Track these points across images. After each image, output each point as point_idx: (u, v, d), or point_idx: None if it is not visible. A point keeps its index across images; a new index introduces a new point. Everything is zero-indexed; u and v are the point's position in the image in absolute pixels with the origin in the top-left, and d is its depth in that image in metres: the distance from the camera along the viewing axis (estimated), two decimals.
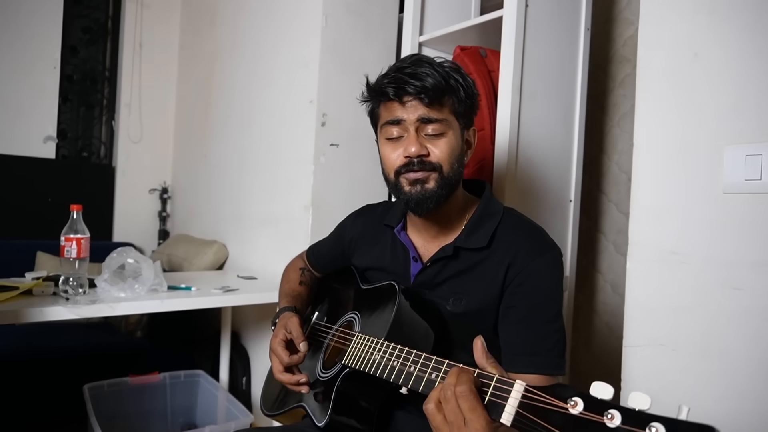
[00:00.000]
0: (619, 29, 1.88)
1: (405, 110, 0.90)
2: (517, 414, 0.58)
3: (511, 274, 0.89)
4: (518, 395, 0.59)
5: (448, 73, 0.90)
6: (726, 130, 0.95)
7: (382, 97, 0.93)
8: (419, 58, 0.93)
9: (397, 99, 0.90)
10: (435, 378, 0.71)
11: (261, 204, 2.31)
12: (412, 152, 0.89)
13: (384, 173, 0.97)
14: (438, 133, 0.90)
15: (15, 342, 2.13)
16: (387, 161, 0.94)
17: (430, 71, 0.88)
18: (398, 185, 0.93)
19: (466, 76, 0.94)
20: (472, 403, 0.61)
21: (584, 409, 0.52)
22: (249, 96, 2.44)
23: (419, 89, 0.88)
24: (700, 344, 0.96)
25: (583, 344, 1.89)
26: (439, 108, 0.90)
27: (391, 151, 0.93)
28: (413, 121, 0.90)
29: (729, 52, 0.95)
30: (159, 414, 1.89)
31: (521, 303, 0.88)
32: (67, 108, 3.07)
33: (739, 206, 0.92)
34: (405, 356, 0.78)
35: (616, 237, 1.85)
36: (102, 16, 3.18)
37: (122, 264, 1.57)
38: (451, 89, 0.90)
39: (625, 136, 1.83)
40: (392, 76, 0.91)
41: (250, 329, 2.35)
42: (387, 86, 0.91)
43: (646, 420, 0.47)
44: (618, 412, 0.49)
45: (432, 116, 0.89)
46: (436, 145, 0.91)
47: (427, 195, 0.91)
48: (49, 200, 2.86)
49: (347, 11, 2.01)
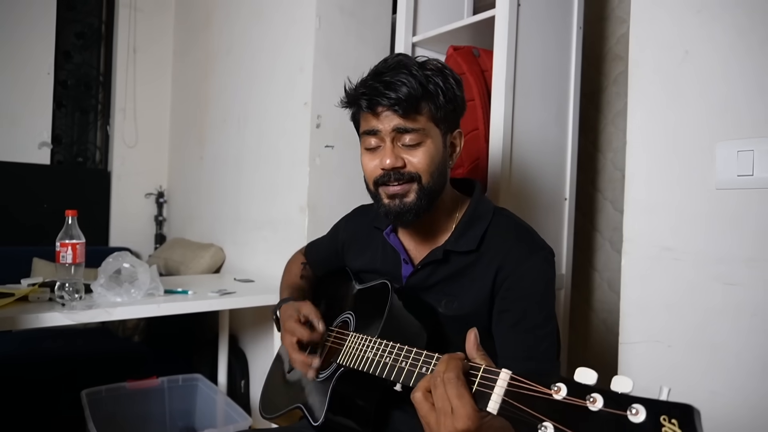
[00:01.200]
0: (611, 27, 1.89)
1: (380, 121, 0.89)
2: (504, 402, 0.58)
3: (501, 277, 0.89)
4: (504, 383, 0.59)
5: (427, 78, 0.88)
6: (718, 127, 0.95)
7: (358, 106, 0.92)
8: (399, 62, 0.90)
9: (370, 111, 0.89)
10: (425, 372, 0.72)
11: (257, 206, 2.31)
12: (387, 165, 0.88)
13: (365, 182, 0.96)
14: (415, 143, 0.89)
15: (12, 348, 2.12)
16: (366, 171, 0.94)
17: (406, 79, 0.86)
18: (378, 196, 0.93)
19: (448, 78, 0.91)
20: (460, 389, 0.61)
21: (567, 394, 0.52)
22: (243, 98, 2.44)
23: (393, 101, 0.86)
24: (694, 340, 0.96)
25: (580, 342, 1.90)
26: (415, 117, 0.88)
27: (369, 160, 0.92)
28: (389, 131, 0.88)
29: (720, 49, 0.96)
30: (157, 418, 1.89)
31: (513, 307, 0.87)
32: (61, 113, 3.07)
33: (732, 202, 0.93)
34: (397, 352, 0.79)
35: (612, 234, 1.85)
36: (95, 21, 3.18)
37: (118, 269, 1.57)
38: (428, 95, 0.88)
39: (619, 134, 1.84)
40: (368, 85, 0.89)
41: (247, 332, 2.34)
42: (361, 98, 0.90)
43: (628, 402, 0.48)
44: (600, 395, 0.50)
45: (408, 126, 0.88)
46: (414, 155, 0.89)
47: (406, 208, 0.90)
48: (45, 206, 2.86)
49: (340, 13, 2.02)
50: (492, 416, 0.60)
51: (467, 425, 0.59)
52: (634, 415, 0.47)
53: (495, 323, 0.89)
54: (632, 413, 0.47)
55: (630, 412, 0.47)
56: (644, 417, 0.46)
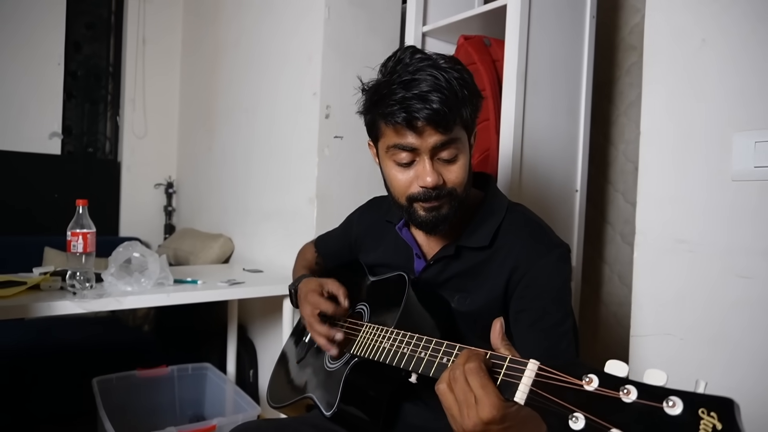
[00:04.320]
0: (625, 17, 1.86)
1: (418, 137, 0.83)
2: (531, 392, 0.57)
3: (516, 276, 0.88)
4: (532, 374, 0.58)
5: (457, 83, 0.83)
6: (734, 117, 0.93)
7: (388, 118, 0.84)
8: (420, 67, 0.83)
9: (406, 124, 0.82)
10: (446, 362, 0.70)
11: (266, 197, 2.31)
12: (429, 183, 0.84)
13: (391, 194, 0.92)
14: (452, 157, 0.86)
15: (24, 337, 2.15)
16: (396, 185, 0.89)
17: (440, 89, 0.81)
18: (411, 210, 0.89)
19: (468, 79, 0.86)
20: (483, 380, 0.60)
21: (599, 386, 0.51)
22: (252, 89, 2.44)
23: (431, 116, 0.80)
24: (707, 333, 0.95)
25: (590, 335, 1.89)
26: (452, 128, 0.84)
27: (401, 175, 0.88)
28: (428, 149, 0.84)
29: (737, 37, 0.94)
30: (167, 407, 1.91)
31: (531, 306, 0.86)
32: (71, 104, 3.08)
33: (748, 193, 0.91)
34: (416, 342, 0.78)
35: (623, 227, 1.84)
36: (105, 12, 3.18)
37: (128, 258, 1.58)
38: (461, 103, 0.84)
39: (631, 126, 1.81)
40: (399, 96, 0.81)
41: (256, 322, 2.36)
42: (397, 112, 0.82)
43: (663, 394, 0.46)
44: (634, 387, 0.49)
45: (445, 140, 0.83)
46: (450, 170, 0.86)
47: (441, 218, 0.88)
48: (56, 196, 2.88)
49: (350, 3, 2.00)
50: (518, 406, 0.59)
51: (492, 414, 0.58)
52: (670, 407, 0.45)
53: (513, 323, 0.87)
54: (669, 405, 0.45)
55: (666, 404, 0.46)
56: (681, 409, 0.45)
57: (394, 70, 0.86)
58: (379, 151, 0.93)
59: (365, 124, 0.94)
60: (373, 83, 0.90)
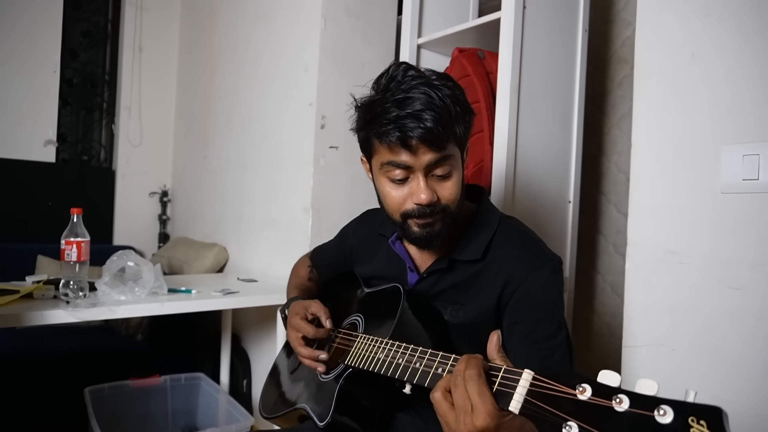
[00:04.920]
0: (616, 30, 1.88)
1: (412, 155, 0.84)
2: (526, 401, 0.58)
3: (510, 289, 0.88)
4: (526, 383, 0.59)
5: (449, 100, 0.83)
6: (723, 130, 0.95)
7: (382, 137, 0.84)
8: (414, 85, 0.83)
9: (401, 143, 0.83)
10: (441, 372, 0.71)
11: (261, 206, 2.31)
12: (424, 200, 0.85)
13: (385, 210, 0.93)
14: (446, 174, 0.86)
15: (16, 345, 2.13)
16: (391, 202, 0.90)
17: (433, 108, 0.81)
18: (406, 226, 0.90)
19: (459, 95, 0.87)
20: (481, 387, 0.60)
21: (592, 395, 0.52)
22: (249, 98, 2.45)
23: (425, 134, 0.81)
24: (698, 344, 0.96)
25: (583, 346, 1.89)
26: (445, 146, 0.84)
27: (396, 191, 0.88)
28: (422, 167, 0.84)
29: (726, 52, 0.96)
30: (160, 417, 1.89)
31: (525, 319, 0.87)
32: (67, 112, 3.08)
33: (737, 206, 0.93)
34: (410, 353, 0.78)
35: (616, 238, 1.85)
36: (101, 20, 3.19)
37: (122, 267, 1.57)
38: (454, 120, 0.84)
39: (624, 137, 1.83)
40: (393, 116, 0.82)
41: (250, 332, 2.35)
42: (391, 131, 0.82)
43: (655, 403, 0.48)
44: (626, 396, 0.50)
45: (439, 157, 0.84)
46: (444, 187, 0.87)
47: (434, 234, 0.89)
48: (50, 204, 2.87)
49: (346, 14, 2.02)
50: (513, 416, 0.59)
51: (487, 422, 0.59)
52: (661, 416, 0.47)
53: (506, 335, 0.88)
54: (660, 414, 0.47)
55: (658, 413, 0.47)
56: (672, 418, 0.46)
57: (387, 87, 0.86)
58: (372, 167, 0.93)
59: (358, 141, 0.94)
60: (366, 100, 0.90)
